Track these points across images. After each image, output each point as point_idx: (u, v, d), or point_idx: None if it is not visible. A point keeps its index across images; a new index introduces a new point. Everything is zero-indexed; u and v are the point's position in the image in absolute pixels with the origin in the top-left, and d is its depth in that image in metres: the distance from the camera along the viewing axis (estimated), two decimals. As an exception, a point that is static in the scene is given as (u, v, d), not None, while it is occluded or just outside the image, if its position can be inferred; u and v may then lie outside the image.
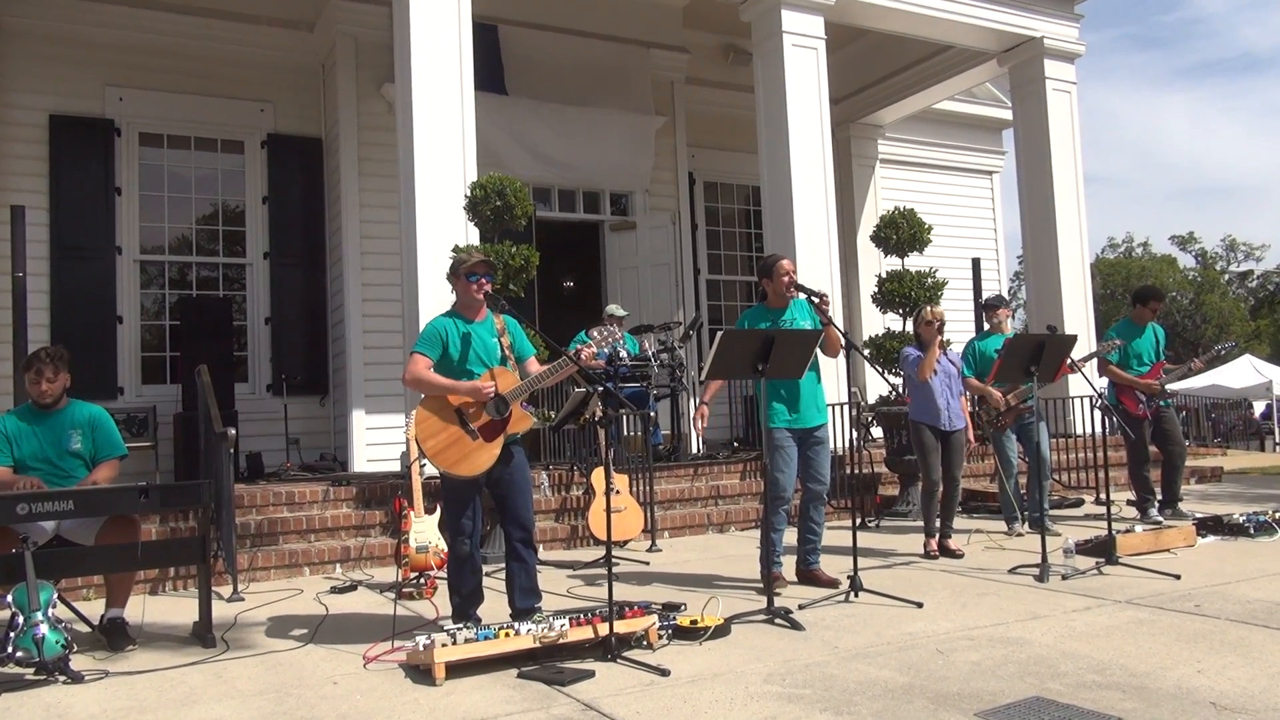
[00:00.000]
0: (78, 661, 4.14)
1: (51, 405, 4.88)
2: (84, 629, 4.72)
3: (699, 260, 12.27)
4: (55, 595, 4.17)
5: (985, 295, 10.36)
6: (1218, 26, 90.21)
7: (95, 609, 4.85)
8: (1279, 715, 3.15)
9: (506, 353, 4.61)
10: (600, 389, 4.88)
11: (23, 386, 7.06)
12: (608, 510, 4.74)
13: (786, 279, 5.46)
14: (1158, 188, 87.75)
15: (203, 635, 4.57)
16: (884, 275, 9.57)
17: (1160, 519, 7.39)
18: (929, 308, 6.72)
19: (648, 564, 6.50)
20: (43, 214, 9.15)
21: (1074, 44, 11.24)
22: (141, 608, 5.35)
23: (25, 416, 4.91)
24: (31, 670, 3.94)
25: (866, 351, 9.41)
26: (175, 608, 5.48)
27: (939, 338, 6.57)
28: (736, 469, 8.67)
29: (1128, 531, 6.28)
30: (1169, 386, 7.71)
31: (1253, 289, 51.00)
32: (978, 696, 3.41)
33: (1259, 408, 27.62)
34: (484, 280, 4.58)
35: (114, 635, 4.55)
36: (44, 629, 3.95)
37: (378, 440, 9.33)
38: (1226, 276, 50.68)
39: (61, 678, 3.95)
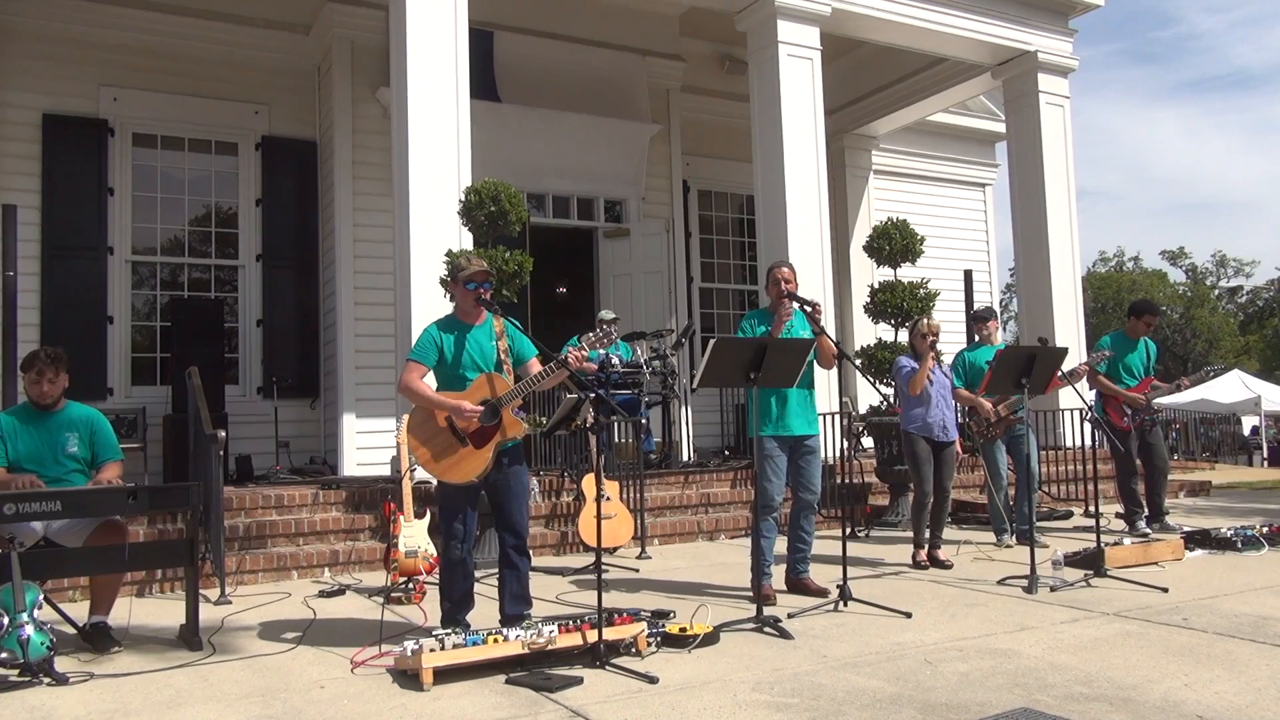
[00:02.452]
0: (62, 663, 4.11)
1: (50, 406, 4.86)
2: (69, 631, 4.69)
3: (692, 268, 12.29)
4: (41, 597, 4.15)
5: (976, 307, 10.41)
6: (1211, 43, 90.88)
7: (81, 611, 4.82)
8: (1265, 729, 3.16)
9: (503, 357, 4.61)
10: (592, 395, 4.89)
11: (12, 386, 7.08)
12: (598, 517, 4.74)
13: (776, 289, 5.47)
14: (1149, 202, 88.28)
15: (189, 638, 4.55)
16: (876, 286, 9.60)
17: (1148, 532, 7.41)
18: (926, 320, 6.72)
19: (637, 571, 6.49)
20: (34, 213, 9.11)
21: (1068, 58, 11.31)
22: (128, 610, 5.32)
23: (22, 415, 4.88)
24: (16, 671, 3.92)
25: (858, 361, 9.43)
26: (162, 610, 5.45)
27: (932, 351, 6.58)
28: (727, 477, 8.68)
29: (1116, 544, 6.30)
30: (1155, 401, 7.74)
31: (1242, 304, 51.30)
32: (966, 707, 3.41)
33: (1247, 424, 27.73)
34: (482, 288, 4.59)
35: (98, 638, 4.53)
36: (29, 630, 3.93)
37: (368, 444, 9.29)
38: (1216, 292, 50.97)
39: (46, 679, 3.92)
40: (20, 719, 3.55)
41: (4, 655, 3.89)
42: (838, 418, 8.83)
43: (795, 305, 5.43)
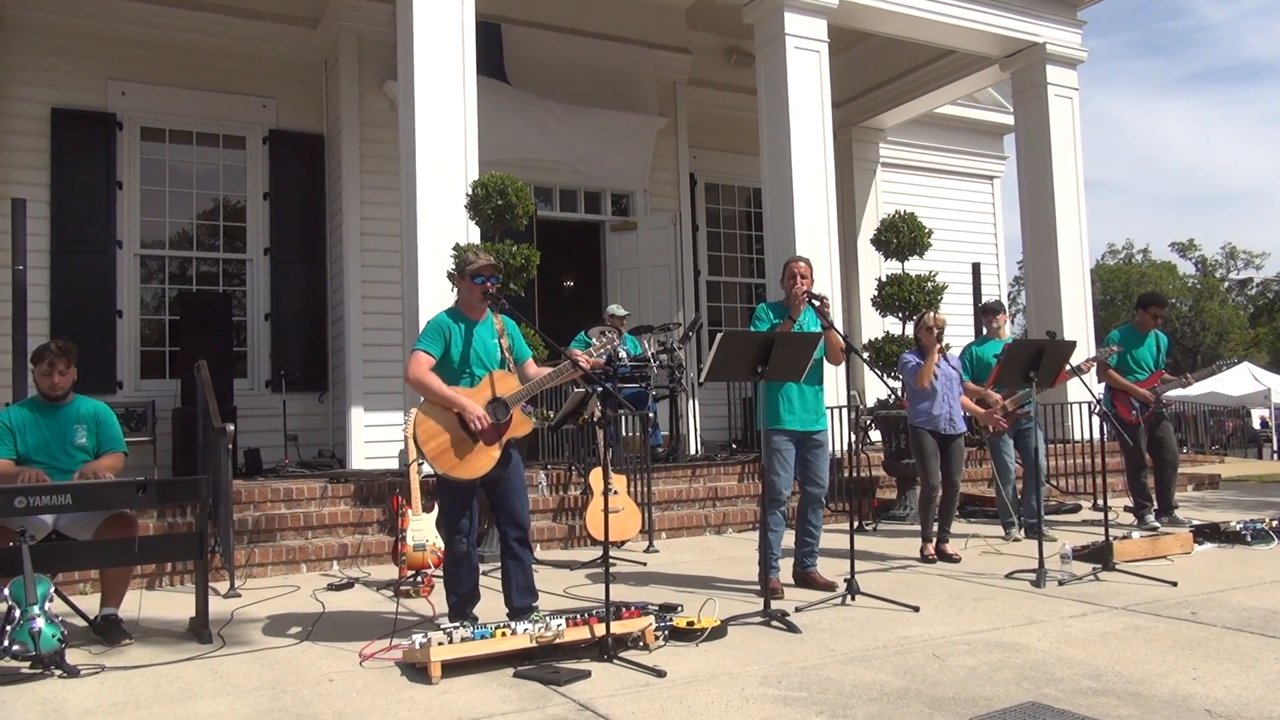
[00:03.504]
0: (73, 656, 4.14)
1: (59, 399, 4.89)
2: (80, 623, 4.71)
3: (699, 261, 12.28)
4: (52, 589, 4.17)
5: (984, 300, 10.38)
6: (1221, 34, 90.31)
7: (92, 604, 4.85)
8: (1274, 723, 3.16)
9: (506, 354, 4.60)
10: (599, 390, 4.89)
11: (22, 379, 7.11)
12: (605, 510, 4.75)
13: (791, 283, 5.46)
14: (1158, 194, 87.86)
15: (199, 631, 4.57)
16: (884, 279, 9.58)
17: (1157, 526, 7.40)
18: (931, 314, 6.71)
19: (645, 565, 6.50)
20: (43, 207, 9.17)
21: (1076, 50, 11.25)
22: (138, 603, 5.35)
23: (31, 409, 4.91)
24: (27, 664, 3.94)
25: (866, 355, 9.41)
26: (172, 603, 5.48)
27: (938, 345, 6.56)
28: (734, 470, 8.68)
29: (1125, 538, 6.29)
30: (1164, 395, 7.72)
31: (1252, 296, 51.07)
32: (973, 701, 3.41)
33: (1256, 416, 27.62)
34: (489, 282, 4.58)
35: (109, 631, 4.55)
36: (40, 623, 3.96)
37: (376, 438, 9.33)
38: (1226, 284, 50.75)
39: (57, 672, 3.95)
40: (32, 711, 3.57)
41: (16, 648, 3.91)
42: (845, 411, 8.81)
43: (805, 300, 5.42)
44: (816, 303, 5.35)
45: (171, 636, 4.67)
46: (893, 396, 8.72)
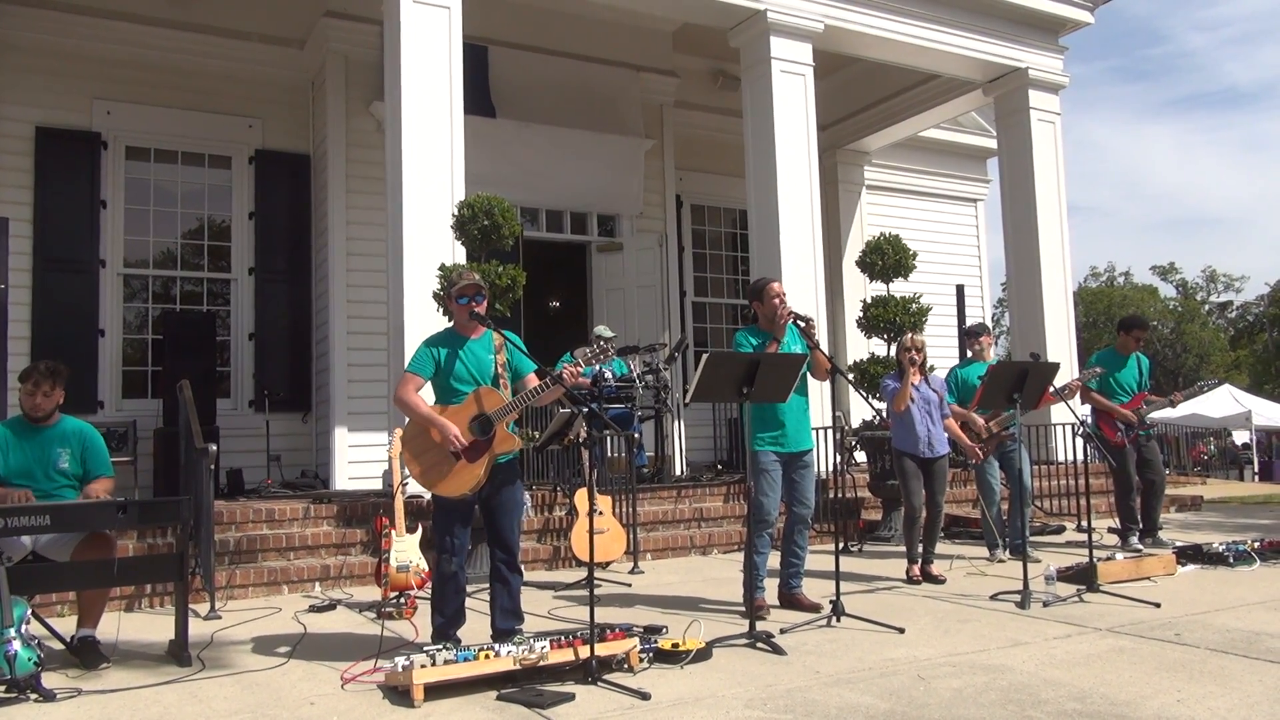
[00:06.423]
0: (50, 679, 4.08)
1: (43, 420, 4.83)
2: (57, 646, 4.65)
3: (685, 282, 12.31)
4: (29, 611, 4.12)
5: (968, 322, 10.43)
6: (1202, 61, 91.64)
7: (69, 626, 4.79)
8: (1258, 745, 3.16)
9: (500, 370, 4.60)
10: (585, 410, 4.88)
11: (2, 399, 7.05)
12: (590, 531, 4.73)
13: (773, 304, 5.47)
14: (1140, 218, 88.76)
15: (178, 654, 4.51)
16: (869, 300, 9.61)
17: (1141, 547, 7.42)
18: (909, 335, 6.73)
19: (630, 586, 6.47)
20: (26, 226, 9.11)
21: (1058, 75, 11.38)
22: (117, 625, 5.28)
23: (15, 428, 4.86)
24: (2, 688, 3.89)
25: (851, 376, 9.44)
26: (151, 625, 5.41)
27: (914, 368, 6.55)
28: (720, 491, 8.67)
29: (1109, 559, 6.31)
30: (1148, 416, 7.76)
31: (1233, 320, 51.57)
32: (959, 723, 3.40)
33: (1238, 438, 27.82)
34: (474, 302, 4.59)
35: (86, 654, 4.49)
36: (16, 646, 3.90)
37: (360, 458, 9.27)
38: (1207, 307, 51.24)
39: (33, 696, 3.89)
40: (7, 736, 3.52)
41: (-9, 671, 3.86)
42: (831, 432, 8.83)
43: (789, 320, 5.43)
44: (802, 324, 5.36)
45: (150, 659, 4.61)
46: (878, 418, 8.74)
